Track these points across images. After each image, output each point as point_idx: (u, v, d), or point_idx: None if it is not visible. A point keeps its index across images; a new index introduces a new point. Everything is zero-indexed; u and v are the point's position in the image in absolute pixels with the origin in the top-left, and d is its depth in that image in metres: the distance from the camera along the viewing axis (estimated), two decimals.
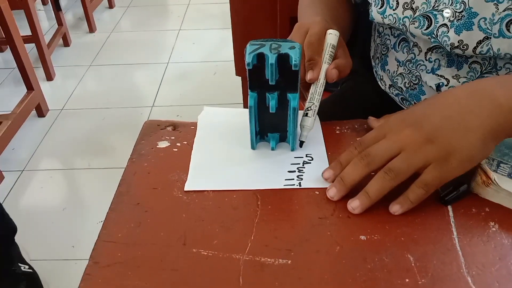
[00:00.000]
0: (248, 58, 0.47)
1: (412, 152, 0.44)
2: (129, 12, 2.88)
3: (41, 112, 1.94)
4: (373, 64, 0.82)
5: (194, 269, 0.42)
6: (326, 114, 0.64)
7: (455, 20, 0.58)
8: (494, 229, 0.44)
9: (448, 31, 0.59)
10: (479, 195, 0.47)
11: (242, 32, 1.33)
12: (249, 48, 0.48)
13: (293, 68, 0.47)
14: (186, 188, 0.49)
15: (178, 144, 0.56)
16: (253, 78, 0.50)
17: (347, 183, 0.46)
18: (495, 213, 0.45)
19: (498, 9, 0.55)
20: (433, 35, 0.61)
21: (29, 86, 1.87)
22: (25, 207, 1.54)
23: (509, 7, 0.54)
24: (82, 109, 2.00)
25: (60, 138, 1.84)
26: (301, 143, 0.55)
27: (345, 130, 0.57)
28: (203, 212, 0.47)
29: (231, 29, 1.31)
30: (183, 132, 0.57)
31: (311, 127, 0.55)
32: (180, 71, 2.24)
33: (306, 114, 0.55)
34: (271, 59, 0.47)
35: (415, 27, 0.62)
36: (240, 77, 1.34)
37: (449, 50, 0.60)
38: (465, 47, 0.58)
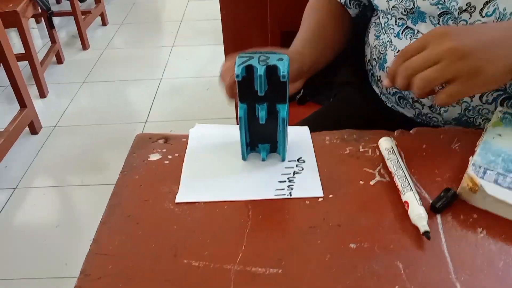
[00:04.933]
0: (237, 70, 0.48)
1: (447, 64, 0.50)
2: (122, 29, 2.90)
3: (34, 129, 1.93)
4: (368, 68, 0.83)
5: (185, 280, 0.42)
6: (319, 126, 0.65)
7: None
8: (482, 235, 0.45)
9: None
10: (467, 202, 0.48)
11: (233, 48, 1.35)
12: (238, 60, 0.49)
13: (281, 79, 0.48)
14: (177, 200, 0.50)
15: (170, 157, 0.56)
16: (242, 89, 0.50)
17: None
18: (483, 219, 0.46)
19: None
20: (441, 2, 0.63)
21: (22, 104, 1.87)
22: (18, 225, 1.53)
23: None
24: (76, 126, 2.00)
25: (53, 155, 1.83)
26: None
27: (335, 141, 0.58)
28: (194, 223, 0.47)
29: (223, 45, 1.33)
30: (175, 145, 0.58)
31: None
32: (173, 87, 2.25)
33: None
34: (260, 70, 0.47)
35: (423, 0, 0.65)
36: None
37: (456, 15, 0.62)
38: (473, 9, 0.61)
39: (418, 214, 0.45)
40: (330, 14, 0.81)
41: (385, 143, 0.54)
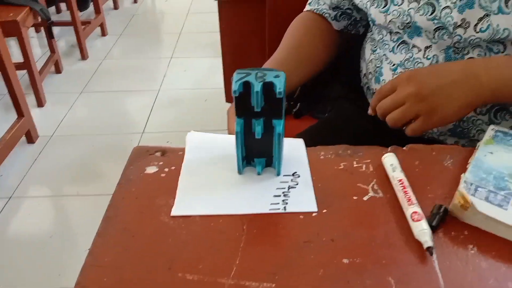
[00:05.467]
0: (235, 86, 0.49)
1: (410, 106, 0.60)
2: (121, 40, 2.92)
3: (30, 138, 1.93)
4: (364, 82, 0.85)
5: None
6: (314, 140, 0.66)
7: (458, 1, 0.64)
8: (472, 251, 0.45)
9: (452, 12, 0.64)
10: (458, 219, 0.48)
11: (231, 60, 1.37)
12: (236, 76, 0.50)
13: (277, 96, 0.49)
14: (173, 213, 0.50)
15: (166, 169, 0.57)
16: (239, 105, 0.51)
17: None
18: (474, 236, 0.47)
19: None
20: (437, 18, 0.66)
21: (20, 113, 1.87)
22: (12, 234, 1.52)
23: None
24: (72, 135, 2.00)
25: (49, 164, 1.83)
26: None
27: (330, 156, 0.59)
28: (189, 236, 0.48)
29: (221, 58, 1.35)
30: (171, 158, 0.58)
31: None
32: (171, 98, 2.26)
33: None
34: (257, 87, 0.48)
35: (420, 15, 0.68)
36: (230, 104, 1.36)
37: (451, 30, 0.65)
38: (467, 25, 0.64)
39: (422, 229, 0.46)
40: (312, 32, 0.85)
41: (394, 157, 0.56)
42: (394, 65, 0.75)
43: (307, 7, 0.88)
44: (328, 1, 0.83)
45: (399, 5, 0.70)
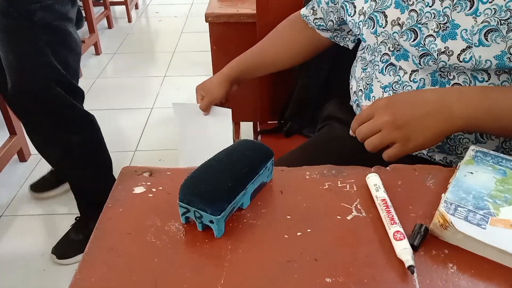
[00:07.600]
0: (182, 219, 0.53)
1: (386, 134, 0.62)
2: (115, 59, 2.94)
3: (23, 156, 1.93)
4: (354, 99, 0.87)
5: None
6: (303, 158, 0.67)
7: (440, 31, 0.66)
8: (452, 270, 0.46)
9: (435, 40, 0.67)
10: (439, 238, 0.50)
11: None
12: (180, 210, 0.52)
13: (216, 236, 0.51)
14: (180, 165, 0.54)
15: (154, 190, 0.57)
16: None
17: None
18: (454, 254, 0.48)
19: (476, 21, 0.63)
20: (421, 45, 0.68)
21: (12, 131, 1.87)
22: (3, 253, 1.51)
23: (486, 19, 0.62)
24: None
25: None
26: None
27: (315, 175, 0.60)
28: (175, 256, 0.48)
29: None
30: (159, 178, 0.59)
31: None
32: (164, 116, 2.27)
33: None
34: (199, 227, 0.52)
35: (404, 40, 0.70)
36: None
37: (436, 56, 0.67)
38: (451, 52, 0.66)
39: (403, 248, 0.47)
40: (291, 39, 0.96)
41: (377, 177, 0.57)
42: (383, 84, 0.77)
43: (303, 11, 0.94)
44: (320, 14, 0.90)
45: (383, 27, 0.72)
